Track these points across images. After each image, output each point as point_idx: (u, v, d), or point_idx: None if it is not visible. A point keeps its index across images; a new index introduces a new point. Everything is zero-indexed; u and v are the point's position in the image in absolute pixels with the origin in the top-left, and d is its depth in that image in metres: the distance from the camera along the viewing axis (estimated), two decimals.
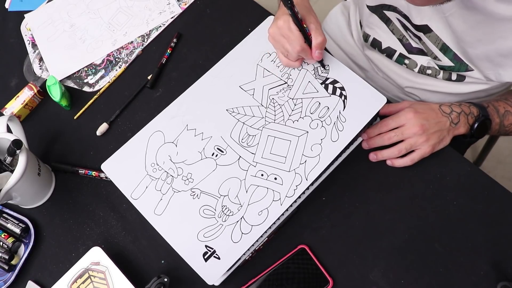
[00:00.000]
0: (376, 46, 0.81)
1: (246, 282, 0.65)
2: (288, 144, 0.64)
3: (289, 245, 0.66)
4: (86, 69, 0.85)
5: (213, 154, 0.64)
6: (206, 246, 0.60)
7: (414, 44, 0.75)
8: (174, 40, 0.84)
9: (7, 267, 0.69)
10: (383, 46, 0.80)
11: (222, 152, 0.64)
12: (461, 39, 0.66)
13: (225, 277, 0.63)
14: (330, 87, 0.67)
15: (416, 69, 0.77)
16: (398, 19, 0.74)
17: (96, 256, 0.65)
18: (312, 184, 0.63)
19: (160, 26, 0.87)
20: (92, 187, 0.74)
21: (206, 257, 0.59)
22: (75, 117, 0.80)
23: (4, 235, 0.71)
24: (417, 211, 0.67)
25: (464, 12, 0.62)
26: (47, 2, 0.92)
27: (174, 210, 0.62)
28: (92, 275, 0.65)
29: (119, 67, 0.84)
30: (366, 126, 0.67)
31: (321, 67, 0.68)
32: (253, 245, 0.61)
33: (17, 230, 0.71)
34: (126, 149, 0.66)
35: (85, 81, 0.84)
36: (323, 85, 0.67)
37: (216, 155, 0.64)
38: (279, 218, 0.62)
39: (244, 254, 0.61)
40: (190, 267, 0.59)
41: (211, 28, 0.85)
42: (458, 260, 0.64)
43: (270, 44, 0.68)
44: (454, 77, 0.73)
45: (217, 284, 0.62)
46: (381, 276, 0.64)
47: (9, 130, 0.71)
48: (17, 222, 0.71)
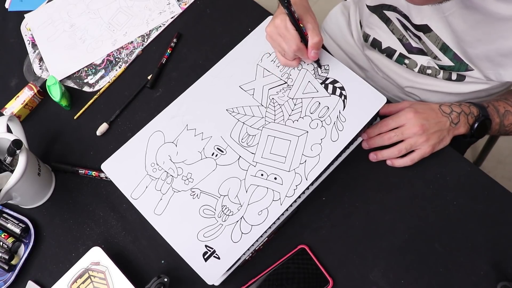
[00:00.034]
0: (376, 46, 0.81)
1: (246, 282, 0.65)
2: (288, 144, 0.64)
3: (289, 245, 0.66)
4: (86, 69, 0.85)
5: (213, 154, 0.64)
6: (206, 246, 0.60)
7: (414, 44, 0.75)
8: (174, 40, 0.84)
9: (7, 267, 0.69)
10: (383, 46, 0.80)
11: (222, 152, 0.64)
12: (461, 39, 0.66)
13: (225, 277, 0.63)
14: (330, 87, 0.67)
15: (416, 69, 0.77)
16: (398, 19, 0.74)
17: (96, 256, 0.65)
18: (312, 184, 0.63)
19: (160, 26, 0.87)
20: (92, 187, 0.74)
21: (206, 257, 0.59)
22: (75, 117, 0.80)
23: (4, 235, 0.71)
24: (417, 211, 0.67)
25: (464, 11, 0.62)
26: (47, 2, 0.92)
27: (174, 210, 0.62)
28: (92, 275, 0.65)
29: (119, 67, 0.84)
30: (366, 126, 0.67)
31: (318, 67, 0.68)
32: (253, 245, 0.61)
33: (17, 230, 0.71)
34: (126, 149, 0.66)
35: (85, 81, 0.84)
36: (323, 85, 0.67)
37: (216, 155, 0.64)
38: (279, 218, 0.62)
39: (244, 254, 0.61)
40: (190, 267, 0.59)
41: (211, 28, 0.85)
42: (458, 260, 0.64)
43: (269, 44, 0.69)
44: (454, 76, 0.73)
45: (217, 284, 0.62)
46: (381, 276, 0.64)
47: (9, 130, 0.71)
48: (17, 222, 0.72)
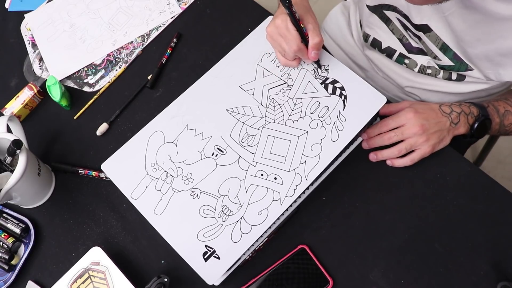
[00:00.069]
0: (376, 46, 0.81)
1: (246, 282, 0.65)
2: (288, 144, 0.64)
3: (289, 245, 0.66)
4: (86, 69, 0.85)
5: (213, 154, 0.64)
6: (206, 246, 0.60)
7: (414, 44, 0.75)
8: (174, 40, 0.84)
9: (7, 267, 0.69)
10: (383, 46, 0.80)
11: (222, 152, 0.64)
12: (460, 39, 0.66)
13: (225, 277, 0.63)
14: (330, 87, 0.67)
15: (416, 69, 0.77)
16: (398, 19, 0.74)
17: (96, 256, 0.65)
18: (312, 184, 0.63)
19: (160, 26, 0.87)
20: (92, 187, 0.74)
21: (206, 257, 0.59)
22: (75, 117, 0.80)
23: (4, 235, 0.71)
24: (417, 211, 0.67)
25: (463, 11, 0.62)
26: (47, 2, 0.92)
27: (174, 210, 0.62)
28: (92, 275, 0.65)
29: (119, 67, 0.84)
30: (366, 126, 0.67)
31: (319, 67, 0.68)
32: (253, 245, 0.61)
33: (17, 230, 0.71)
34: (126, 149, 0.66)
35: (85, 81, 0.84)
36: (323, 85, 0.67)
37: (216, 155, 0.64)
38: (279, 218, 0.62)
39: (244, 254, 0.61)
40: (190, 267, 0.59)
41: (211, 28, 0.85)
42: (458, 260, 0.64)
43: (270, 44, 0.69)
44: (454, 76, 0.73)
45: (217, 284, 0.62)
46: (381, 276, 0.64)
47: (9, 130, 0.71)
48: (17, 222, 0.72)
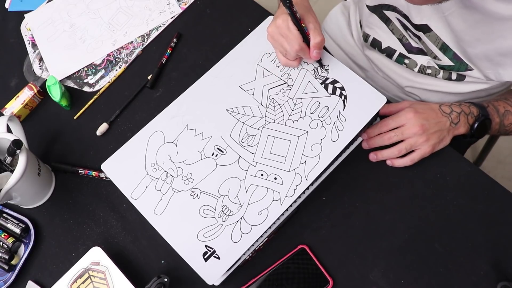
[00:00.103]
0: (376, 46, 0.81)
1: (246, 282, 0.65)
2: (288, 144, 0.64)
3: (289, 245, 0.66)
4: (86, 69, 0.85)
5: (213, 154, 0.64)
6: (206, 246, 0.60)
7: (414, 44, 0.75)
8: (174, 40, 0.84)
9: (7, 267, 0.69)
10: (383, 46, 0.80)
11: (222, 152, 0.64)
12: (460, 39, 0.66)
13: (225, 277, 0.63)
14: (330, 87, 0.67)
15: (416, 69, 0.77)
16: (397, 19, 0.74)
17: (96, 256, 0.65)
18: (312, 184, 0.63)
19: (160, 26, 0.87)
20: (92, 187, 0.74)
21: (206, 257, 0.59)
22: (75, 117, 0.80)
23: (4, 235, 0.71)
24: (417, 211, 0.67)
25: (463, 11, 0.62)
26: (47, 2, 0.92)
27: (174, 210, 0.62)
28: (92, 275, 0.65)
29: (119, 67, 0.84)
30: (366, 126, 0.67)
31: (320, 66, 0.68)
32: (253, 245, 0.61)
33: (17, 230, 0.71)
34: (126, 149, 0.66)
35: (85, 81, 0.84)
36: (323, 85, 0.67)
37: (216, 155, 0.64)
38: (279, 218, 0.62)
39: (244, 254, 0.61)
40: (190, 267, 0.59)
41: (211, 28, 0.85)
42: (458, 260, 0.64)
43: (270, 44, 0.69)
44: (454, 76, 0.73)
45: (217, 284, 0.62)
46: (381, 276, 0.64)
47: (9, 130, 0.71)
48: (17, 222, 0.72)
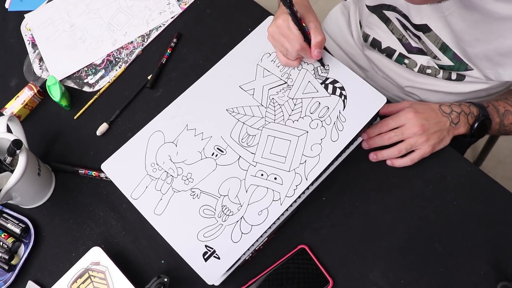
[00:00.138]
0: (375, 46, 0.81)
1: (246, 282, 0.65)
2: (288, 144, 0.64)
3: (289, 245, 0.66)
4: (86, 69, 0.85)
5: (213, 154, 0.64)
6: (206, 246, 0.60)
7: (413, 44, 0.75)
8: (174, 40, 0.84)
9: (7, 267, 0.69)
10: (382, 46, 0.80)
11: (222, 152, 0.64)
12: (460, 38, 0.66)
13: (225, 277, 0.63)
14: (330, 87, 0.67)
15: (416, 69, 0.77)
16: (397, 19, 0.74)
17: (96, 256, 0.65)
18: (312, 184, 0.63)
19: (160, 26, 0.87)
20: (92, 187, 0.74)
21: (206, 257, 0.59)
22: (75, 117, 0.80)
23: (4, 235, 0.71)
24: (417, 211, 0.67)
25: (463, 11, 0.62)
26: (47, 2, 0.92)
27: (174, 210, 0.62)
28: (92, 275, 0.65)
29: (119, 67, 0.84)
30: (366, 126, 0.67)
31: (321, 66, 0.68)
32: (253, 245, 0.61)
33: (17, 230, 0.71)
34: (126, 149, 0.66)
35: (85, 81, 0.84)
36: (323, 85, 0.67)
37: (216, 155, 0.64)
38: (279, 218, 0.62)
39: (244, 254, 0.61)
40: (190, 267, 0.59)
41: (211, 28, 0.85)
42: (458, 260, 0.64)
43: (270, 44, 0.69)
44: (454, 76, 0.73)
45: (217, 284, 0.62)
46: (381, 276, 0.64)
47: (9, 130, 0.71)
48: (17, 222, 0.72)
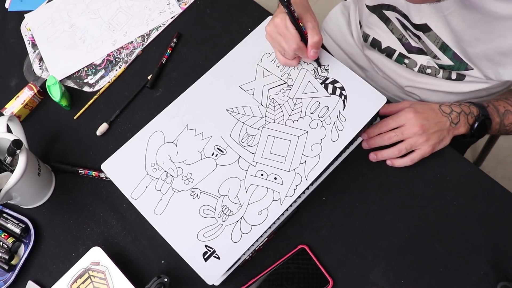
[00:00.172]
0: (375, 46, 0.81)
1: (246, 282, 0.65)
2: (288, 144, 0.64)
3: (289, 245, 0.66)
4: (86, 69, 0.85)
5: (213, 154, 0.64)
6: (206, 246, 0.60)
7: (413, 44, 0.75)
8: (174, 40, 0.84)
9: (7, 267, 0.69)
10: (382, 46, 0.80)
11: (222, 152, 0.64)
12: (460, 38, 0.66)
13: (225, 277, 0.63)
14: (330, 87, 0.67)
15: (416, 69, 0.77)
16: (397, 19, 0.74)
17: (96, 256, 0.65)
18: (312, 184, 0.63)
19: (160, 26, 0.87)
20: (92, 187, 0.74)
21: (206, 257, 0.59)
22: (75, 117, 0.80)
23: (4, 235, 0.71)
24: (417, 211, 0.67)
25: (463, 11, 0.62)
26: (47, 2, 0.92)
27: (174, 210, 0.62)
28: (92, 275, 0.65)
29: (119, 67, 0.84)
30: (366, 126, 0.67)
31: (318, 66, 0.68)
32: (253, 245, 0.61)
33: (17, 230, 0.71)
34: (126, 149, 0.66)
35: (85, 81, 0.84)
36: (323, 85, 0.67)
37: (216, 155, 0.64)
38: (279, 218, 0.62)
39: (244, 254, 0.61)
40: (190, 267, 0.59)
41: (211, 28, 0.85)
42: (458, 260, 0.64)
43: (270, 44, 0.68)
44: (454, 76, 0.73)
45: (217, 284, 0.62)
46: (381, 276, 0.64)
47: (9, 130, 0.71)
48: (17, 222, 0.72)
